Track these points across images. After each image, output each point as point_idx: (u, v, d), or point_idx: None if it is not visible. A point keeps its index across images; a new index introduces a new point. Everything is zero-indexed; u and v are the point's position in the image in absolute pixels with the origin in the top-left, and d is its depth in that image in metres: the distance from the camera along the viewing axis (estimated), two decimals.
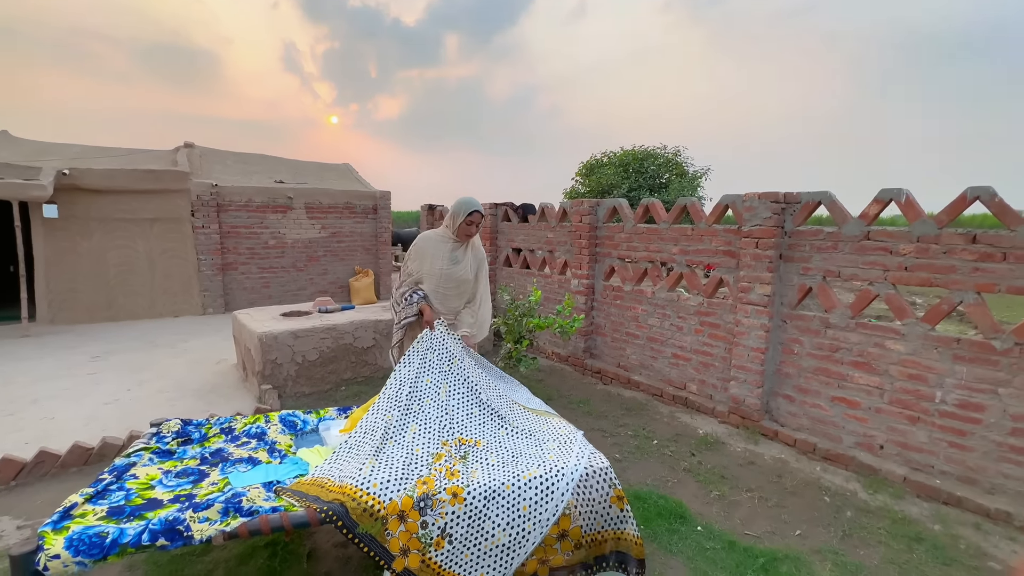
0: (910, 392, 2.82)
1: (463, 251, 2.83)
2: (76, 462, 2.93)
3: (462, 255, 2.82)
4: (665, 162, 13.47)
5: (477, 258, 2.90)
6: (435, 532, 1.74)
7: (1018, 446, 2.48)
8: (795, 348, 3.33)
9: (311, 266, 8.26)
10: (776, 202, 3.28)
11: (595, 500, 1.94)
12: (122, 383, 4.37)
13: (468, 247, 2.85)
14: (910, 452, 2.84)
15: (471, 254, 2.86)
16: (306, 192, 8.10)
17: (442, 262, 2.78)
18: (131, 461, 2.01)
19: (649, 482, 2.90)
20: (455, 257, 2.80)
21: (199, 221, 7.15)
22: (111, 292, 6.73)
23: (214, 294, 7.36)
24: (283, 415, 2.55)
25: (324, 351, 4.25)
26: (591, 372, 4.83)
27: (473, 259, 2.87)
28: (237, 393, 4.21)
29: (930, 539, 2.38)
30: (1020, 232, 2.44)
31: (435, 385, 2.36)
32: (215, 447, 2.22)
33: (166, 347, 5.54)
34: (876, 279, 2.92)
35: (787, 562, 2.21)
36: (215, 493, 1.80)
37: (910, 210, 2.79)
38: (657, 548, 2.30)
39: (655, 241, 4.24)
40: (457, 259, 2.80)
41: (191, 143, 8.52)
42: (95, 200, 6.48)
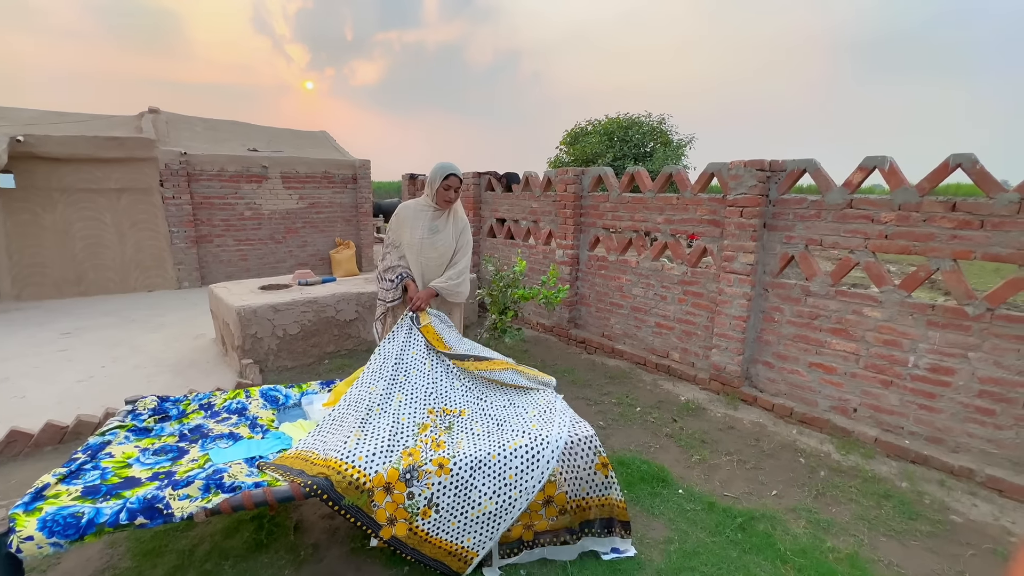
0: (884, 357, 2.90)
1: (444, 219, 2.75)
2: (50, 441, 2.86)
3: (443, 224, 2.74)
4: (650, 130, 13.31)
5: (459, 227, 2.81)
6: (422, 502, 1.74)
7: (984, 407, 2.59)
8: (776, 316, 3.38)
9: (290, 238, 8.05)
10: (762, 170, 3.26)
11: (580, 467, 1.97)
12: (96, 360, 4.25)
13: (450, 215, 2.77)
14: (882, 415, 2.94)
15: (452, 222, 2.78)
16: (282, 161, 7.80)
17: (422, 231, 2.70)
18: (106, 439, 1.95)
19: (632, 448, 2.97)
20: (435, 226, 2.72)
21: (169, 191, 6.85)
22: (80, 266, 6.47)
23: (189, 267, 7.13)
24: (264, 390, 2.51)
25: (306, 325, 4.18)
26: (576, 342, 4.87)
27: (455, 227, 2.79)
28: (217, 368, 4.13)
29: (897, 496, 2.50)
30: (999, 200, 2.46)
31: (421, 358, 2.34)
32: (194, 423, 2.18)
33: (141, 322, 5.38)
34: (857, 247, 2.95)
35: (763, 521, 2.30)
36: (195, 470, 1.77)
37: (893, 178, 2.79)
38: (640, 511, 2.37)
39: (640, 210, 4.21)
40: (437, 228, 2.72)
41: (156, 108, 8.08)
42: (55, 169, 6.14)
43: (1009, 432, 2.52)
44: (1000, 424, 2.55)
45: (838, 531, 2.26)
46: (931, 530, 2.27)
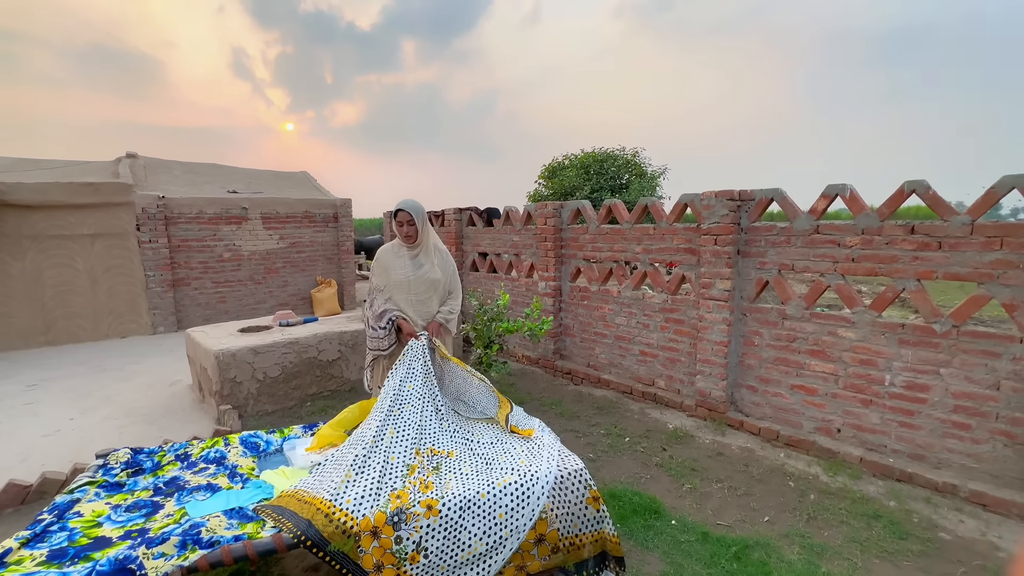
0: (862, 376, 2.97)
1: (424, 254, 2.77)
2: (12, 502, 2.69)
3: (424, 258, 2.76)
4: (625, 163, 13.77)
5: (443, 258, 2.85)
6: (410, 547, 1.69)
7: (960, 422, 2.65)
8: (755, 340, 3.45)
9: (270, 278, 7.96)
10: (732, 199, 3.40)
11: (571, 502, 1.94)
12: (63, 412, 4.06)
13: (429, 249, 2.78)
14: (864, 434, 2.99)
15: (434, 254, 2.80)
16: (262, 202, 7.80)
17: (405, 270, 2.73)
18: (75, 498, 1.86)
19: (623, 479, 2.93)
20: (418, 262, 2.75)
21: (145, 235, 6.76)
22: (48, 315, 6.26)
23: (164, 312, 6.97)
24: (244, 436, 2.43)
25: (287, 366, 4.09)
26: (562, 373, 4.86)
27: (438, 259, 2.81)
28: (194, 416, 3.98)
29: (886, 516, 2.51)
30: (953, 222, 2.61)
31: (417, 393, 2.31)
32: (170, 476, 2.09)
33: (113, 371, 5.19)
34: (827, 270, 3.07)
35: (758, 549, 2.28)
36: (171, 525, 1.69)
37: (854, 204, 2.94)
38: (634, 544, 2.33)
39: (619, 241, 4.31)
40: (421, 263, 2.75)
41: (134, 153, 8.06)
42: (27, 216, 6.02)
43: (986, 446, 2.58)
44: (977, 438, 2.61)
45: (832, 555, 2.25)
46: (922, 549, 2.28)
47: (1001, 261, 2.48)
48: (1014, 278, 2.45)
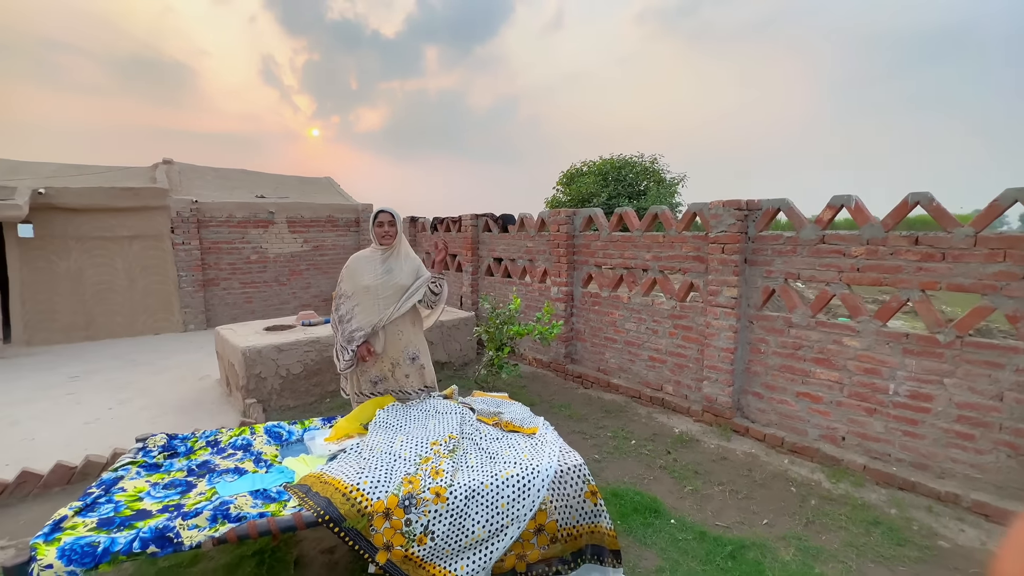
0: (867, 385, 3.00)
1: (395, 259, 2.85)
2: (59, 482, 2.93)
3: (395, 264, 2.84)
4: (643, 170, 13.81)
5: (413, 264, 2.91)
6: (418, 529, 1.83)
7: (964, 432, 2.67)
8: (762, 347, 3.50)
9: (294, 280, 8.27)
10: (739, 209, 3.47)
11: (570, 495, 2.05)
12: (103, 402, 4.35)
13: (400, 256, 2.87)
14: (869, 442, 3.01)
15: (405, 261, 2.88)
16: (288, 207, 8.13)
17: (373, 275, 2.80)
18: (119, 475, 2.05)
19: (626, 480, 3.02)
20: (388, 267, 2.82)
21: (179, 238, 7.12)
22: (89, 311, 6.65)
23: (195, 310, 7.31)
24: (268, 426, 2.61)
25: (308, 364, 4.30)
26: (572, 377, 4.96)
27: (408, 266, 2.88)
28: (221, 408, 4.22)
29: (886, 523, 2.54)
30: (956, 234, 2.64)
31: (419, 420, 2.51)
32: (201, 459, 2.27)
33: (147, 365, 5.50)
34: (832, 280, 3.11)
35: (753, 549, 2.34)
36: (203, 502, 1.86)
37: (859, 215, 2.99)
38: (633, 541, 2.42)
39: (629, 248, 4.41)
40: (391, 268, 2.82)
41: (170, 160, 8.50)
42: (72, 219, 6.43)
43: (990, 456, 2.59)
44: (980, 449, 2.62)
45: (827, 558, 2.30)
46: (919, 556, 2.31)
47: (1004, 273, 2.50)
48: (1018, 290, 2.47)
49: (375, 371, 2.85)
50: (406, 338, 2.87)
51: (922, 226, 3.01)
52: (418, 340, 2.96)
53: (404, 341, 2.86)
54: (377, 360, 2.84)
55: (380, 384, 2.86)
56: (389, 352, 2.84)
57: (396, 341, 2.85)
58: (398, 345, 2.85)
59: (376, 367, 2.84)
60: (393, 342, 2.84)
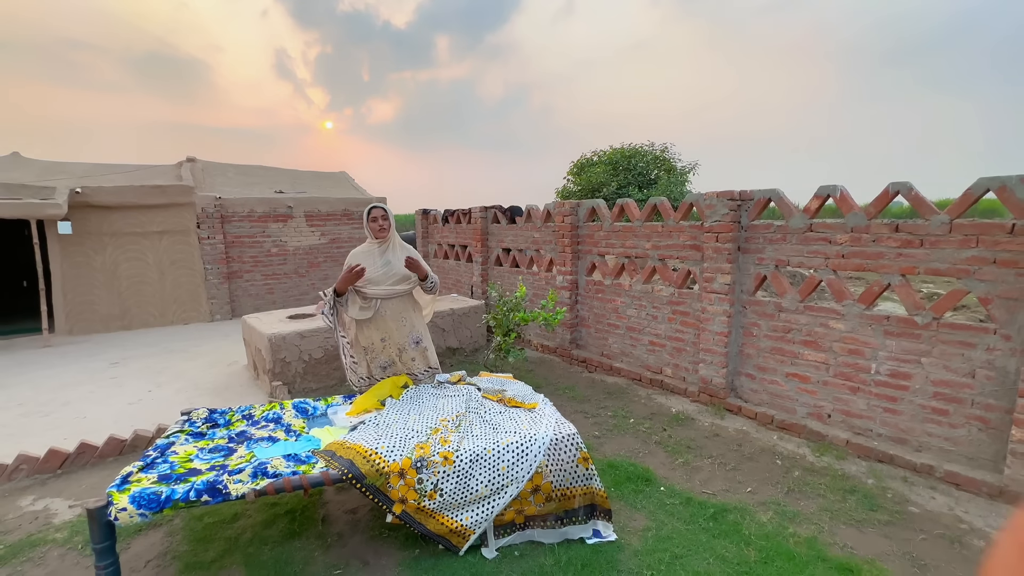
0: (851, 365, 3.18)
1: (392, 252, 3.07)
2: (112, 452, 3.29)
3: (392, 256, 3.06)
4: (653, 159, 13.84)
5: (408, 252, 3.09)
6: (429, 487, 2.10)
7: (939, 408, 2.84)
8: (754, 331, 3.69)
9: (312, 271, 8.62)
10: (732, 200, 3.64)
11: (564, 460, 2.30)
12: (142, 385, 4.73)
13: (396, 248, 3.08)
14: (852, 418, 3.20)
15: (401, 250, 3.08)
16: (305, 201, 8.45)
17: (374, 268, 3.01)
18: (171, 441, 2.37)
19: (622, 453, 3.26)
20: (387, 259, 3.04)
21: (205, 232, 7.50)
22: (124, 302, 7.09)
23: (221, 301, 7.71)
24: (296, 403, 2.91)
25: (329, 349, 4.61)
26: (577, 362, 5.19)
27: (405, 253, 3.07)
28: (249, 391, 4.57)
29: (862, 491, 2.74)
30: (933, 221, 2.79)
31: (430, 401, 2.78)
32: (239, 430, 2.58)
33: (180, 352, 5.90)
34: (819, 266, 3.28)
35: (734, 512, 2.57)
36: (243, 463, 2.16)
37: (844, 204, 3.14)
38: (624, 505, 2.66)
39: (630, 238, 4.60)
40: (389, 260, 3.04)
41: (193, 157, 8.88)
42: (107, 216, 6.84)
43: (962, 430, 2.77)
44: (954, 423, 2.79)
45: (802, 520, 2.51)
46: (888, 519, 2.51)
47: (977, 258, 2.65)
48: (989, 273, 2.62)
49: (384, 357, 3.12)
50: (409, 324, 3.13)
51: (909, 216, 3.13)
52: (420, 326, 3.22)
53: (408, 327, 3.13)
54: (385, 347, 3.10)
55: (389, 369, 3.13)
56: (395, 338, 3.10)
57: (401, 327, 3.11)
58: (404, 331, 3.12)
59: (384, 353, 3.11)
60: (399, 328, 3.10)
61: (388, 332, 3.10)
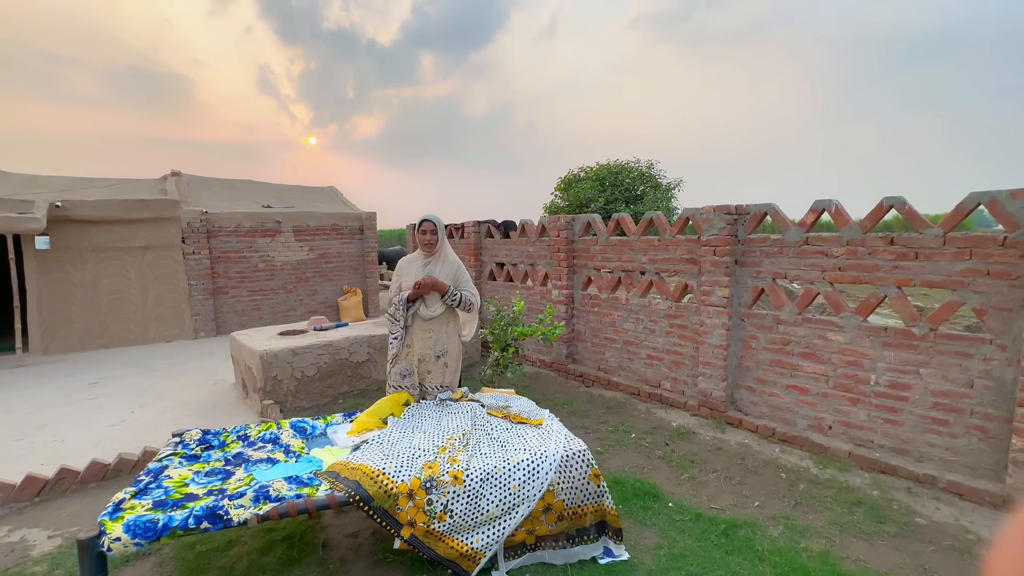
0: (850, 377, 3.21)
1: (435, 262, 3.11)
2: (94, 478, 3.12)
3: (435, 266, 3.10)
4: (639, 175, 14.05)
5: (452, 267, 3.14)
6: (438, 508, 2.03)
7: (939, 418, 2.87)
8: (753, 344, 3.71)
9: (300, 287, 8.47)
10: (729, 213, 3.69)
11: (575, 478, 2.25)
12: (125, 406, 4.54)
13: (440, 259, 3.12)
14: (853, 430, 3.22)
15: (444, 264, 3.12)
16: (294, 216, 8.34)
17: (418, 275, 3.06)
18: (163, 464, 2.25)
19: (627, 469, 3.22)
20: (429, 270, 3.08)
21: (190, 247, 7.33)
22: (103, 320, 6.85)
23: (205, 318, 7.51)
24: (293, 422, 2.81)
25: (322, 366, 4.49)
26: (574, 376, 5.16)
27: (447, 268, 3.12)
28: (239, 410, 4.41)
29: (869, 503, 2.74)
30: (927, 234, 2.86)
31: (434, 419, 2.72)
32: (235, 451, 2.47)
33: (163, 371, 5.69)
34: (816, 279, 3.33)
35: (745, 527, 2.54)
36: (243, 487, 2.06)
37: (839, 218, 3.21)
38: (634, 522, 2.61)
39: (626, 252, 4.62)
40: (432, 271, 3.08)
41: (178, 171, 8.72)
42: (87, 230, 6.64)
43: (963, 440, 2.80)
44: (954, 433, 2.83)
45: (812, 534, 2.50)
46: (897, 531, 2.51)
47: (971, 270, 2.72)
48: (983, 285, 2.68)
49: (405, 363, 3.09)
50: (435, 336, 3.09)
51: (900, 227, 3.21)
52: (448, 340, 3.16)
53: (433, 339, 3.09)
54: (408, 353, 3.06)
55: (407, 378, 3.08)
56: (416, 346, 3.07)
57: (427, 337, 3.07)
58: (428, 342, 3.08)
59: (407, 359, 3.08)
60: (423, 338, 3.06)
61: (413, 339, 3.10)
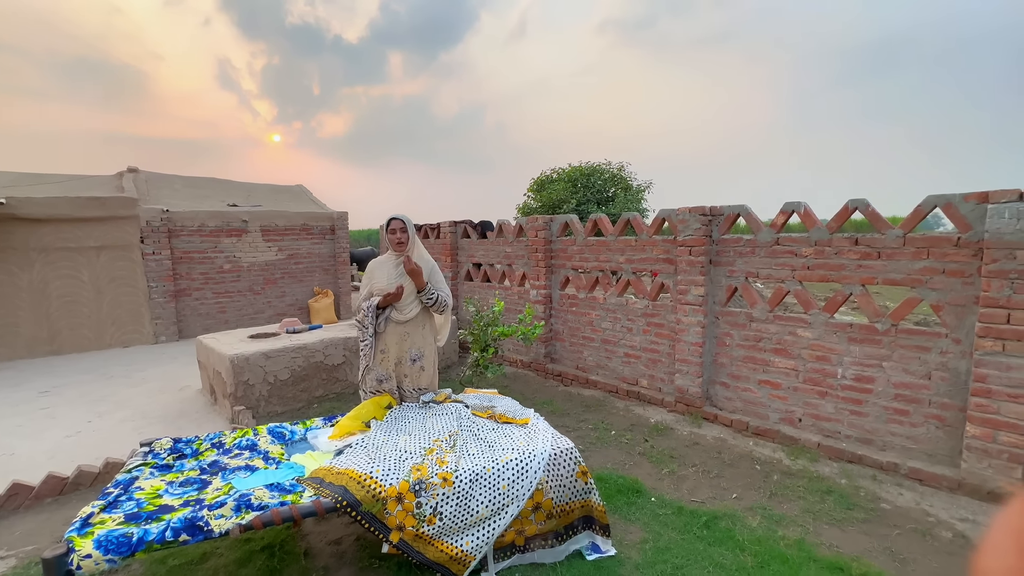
0: (818, 371, 3.36)
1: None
2: (51, 492, 2.93)
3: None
4: (611, 177, 14.30)
5: (427, 266, 3.07)
6: (428, 511, 2.00)
7: (900, 409, 3.04)
8: (727, 341, 3.83)
9: (268, 289, 8.20)
10: (704, 215, 3.79)
11: (563, 475, 2.27)
12: (80, 416, 4.28)
13: (415, 259, 3.00)
14: (822, 422, 3.37)
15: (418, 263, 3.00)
16: (261, 215, 8.07)
17: (389, 276, 2.99)
18: (133, 476, 2.13)
19: (609, 466, 3.26)
20: (400, 271, 2.99)
21: (149, 248, 6.98)
22: (53, 325, 6.43)
23: (167, 322, 7.16)
24: (271, 427, 2.71)
25: (296, 370, 4.36)
26: (553, 376, 5.19)
27: (422, 267, 3.02)
28: (207, 417, 4.23)
29: (838, 491, 2.87)
30: (889, 235, 3.02)
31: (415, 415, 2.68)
32: (210, 459, 2.37)
33: (121, 377, 5.40)
34: (786, 278, 3.46)
35: (725, 519, 2.62)
36: (222, 496, 1.98)
37: (807, 219, 3.35)
38: (619, 518, 2.65)
39: (604, 252, 4.69)
40: (403, 272, 2.98)
41: (135, 168, 8.29)
42: (35, 230, 6.22)
43: (922, 429, 2.97)
44: (914, 422, 3.00)
45: (788, 523, 2.60)
46: (865, 517, 2.64)
47: (928, 268, 2.89)
48: (939, 283, 2.86)
49: (381, 369, 3.00)
50: (411, 340, 3.02)
51: (866, 228, 3.37)
52: (423, 343, 3.09)
53: (409, 342, 3.02)
54: (384, 359, 2.98)
55: (384, 383, 3.01)
56: (392, 351, 2.99)
57: (403, 341, 3.00)
58: (403, 345, 3.01)
59: (383, 365, 2.99)
60: (398, 342, 2.99)
61: (387, 344, 3.02)
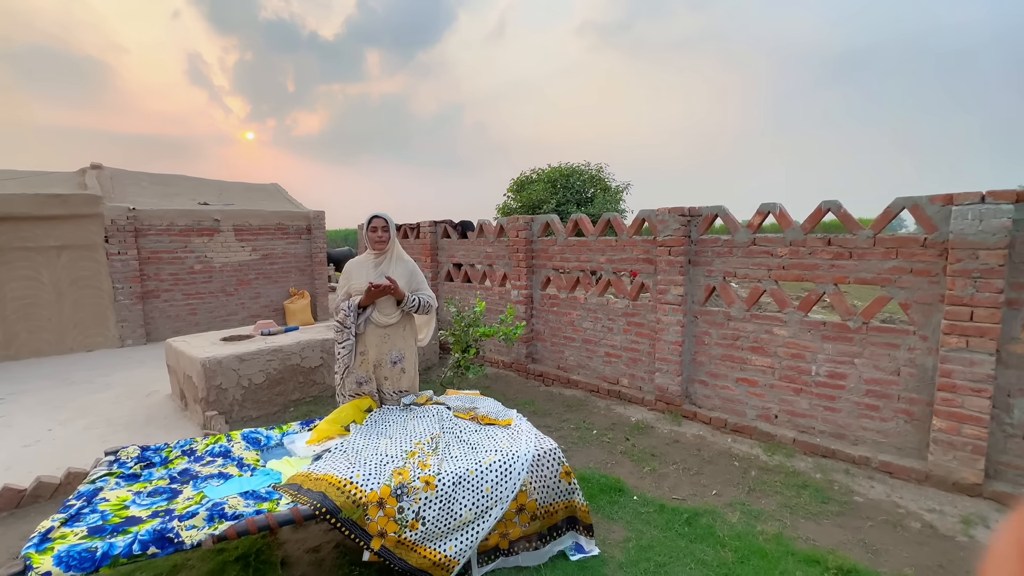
0: (793, 368, 3.44)
1: (387, 263, 2.95)
2: (7, 505, 2.77)
3: (387, 267, 2.94)
4: (590, 177, 14.39)
5: (408, 268, 3.00)
6: (410, 516, 1.96)
7: (871, 404, 3.14)
8: (705, 339, 3.89)
9: (242, 290, 7.96)
10: (683, 215, 3.84)
11: (547, 476, 2.26)
12: (40, 424, 4.07)
13: (392, 259, 2.97)
14: (797, 418, 3.45)
15: (397, 264, 2.97)
16: (234, 214, 7.84)
17: (367, 276, 2.89)
18: (97, 487, 2.03)
19: (591, 465, 3.27)
20: (380, 272, 2.92)
21: (114, 247, 6.70)
22: (10, 328, 6.11)
23: (133, 324, 6.88)
24: (245, 433, 2.63)
25: (271, 373, 4.24)
26: (534, 376, 5.18)
27: (402, 269, 2.97)
28: (177, 423, 4.07)
29: (813, 485, 2.94)
30: (860, 235, 3.12)
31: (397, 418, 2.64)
32: (181, 467, 2.27)
33: (85, 383, 5.15)
34: (763, 277, 3.54)
35: (705, 515, 2.65)
36: (193, 506, 1.90)
37: (783, 220, 3.43)
38: (601, 517, 2.65)
39: (585, 252, 4.71)
40: (385, 272, 2.92)
41: (99, 164, 7.95)
42: None
43: (891, 423, 3.07)
44: (884, 417, 3.09)
45: (766, 518, 2.64)
46: (839, 510, 2.71)
47: (897, 268, 2.99)
48: (907, 282, 2.96)
49: (361, 371, 2.93)
50: (391, 342, 2.96)
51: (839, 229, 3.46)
52: (404, 345, 3.03)
53: (389, 344, 2.96)
54: (363, 361, 2.92)
55: (364, 385, 2.94)
56: (371, 354, 2.93)
57: (383, 343, 2.94)
58: (384, 347, 2.95)
59: (362, 367, 2.92)
60: (378, 344, 2.93)
61: (367, 346, 2.94)
